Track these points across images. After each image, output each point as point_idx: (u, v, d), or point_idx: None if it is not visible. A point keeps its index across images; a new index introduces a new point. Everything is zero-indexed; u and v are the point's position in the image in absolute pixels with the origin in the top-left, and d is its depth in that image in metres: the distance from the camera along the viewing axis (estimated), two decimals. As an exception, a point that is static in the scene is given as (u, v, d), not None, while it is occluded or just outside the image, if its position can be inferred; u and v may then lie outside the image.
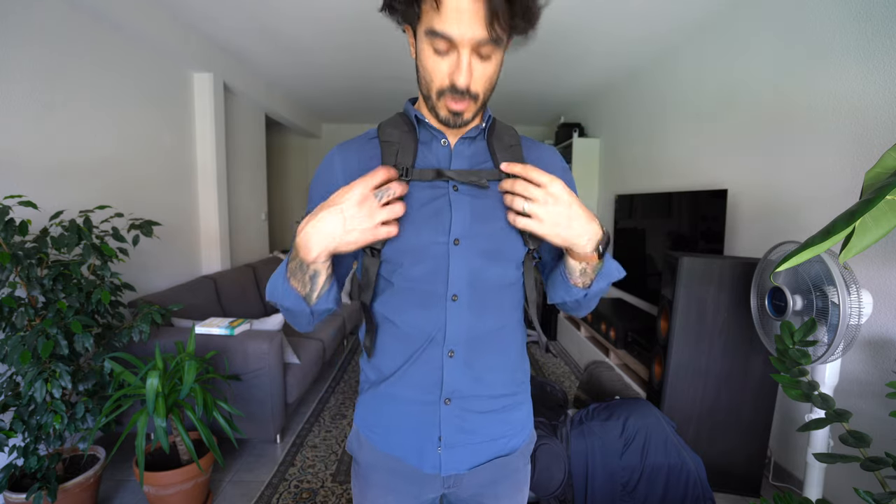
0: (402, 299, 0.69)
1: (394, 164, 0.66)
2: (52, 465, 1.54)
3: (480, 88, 0.62)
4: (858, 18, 1.66)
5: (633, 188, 3.47)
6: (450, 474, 0.72)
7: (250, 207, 3.95)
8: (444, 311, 0.68)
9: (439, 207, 0.67)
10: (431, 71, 0.61)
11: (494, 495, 0.76)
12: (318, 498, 1.83)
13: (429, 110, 0.68)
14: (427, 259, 0.67)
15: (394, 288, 0.69)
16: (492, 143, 0.72)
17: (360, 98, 4.45)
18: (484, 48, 0.58)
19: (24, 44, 1.80)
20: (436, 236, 0.67)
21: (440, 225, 0.67)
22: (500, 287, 0.71)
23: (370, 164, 0.68)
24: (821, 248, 0.73)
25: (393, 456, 0.73)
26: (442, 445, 0.71)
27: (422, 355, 0.69)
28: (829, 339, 1.31)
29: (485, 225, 0.68)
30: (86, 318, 1.56)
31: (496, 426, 0.74)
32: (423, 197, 0.67)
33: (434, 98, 0.63)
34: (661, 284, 2.07)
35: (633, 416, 1.62)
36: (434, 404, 0.70)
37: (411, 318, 0.69)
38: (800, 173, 1.92)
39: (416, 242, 0.66)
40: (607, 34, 2.75)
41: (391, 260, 0.68)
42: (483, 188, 0.68)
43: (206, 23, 2.67)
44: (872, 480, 1.14)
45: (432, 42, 0.58)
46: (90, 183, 2.15)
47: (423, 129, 0.71)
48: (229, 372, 2.02)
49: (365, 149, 0.70)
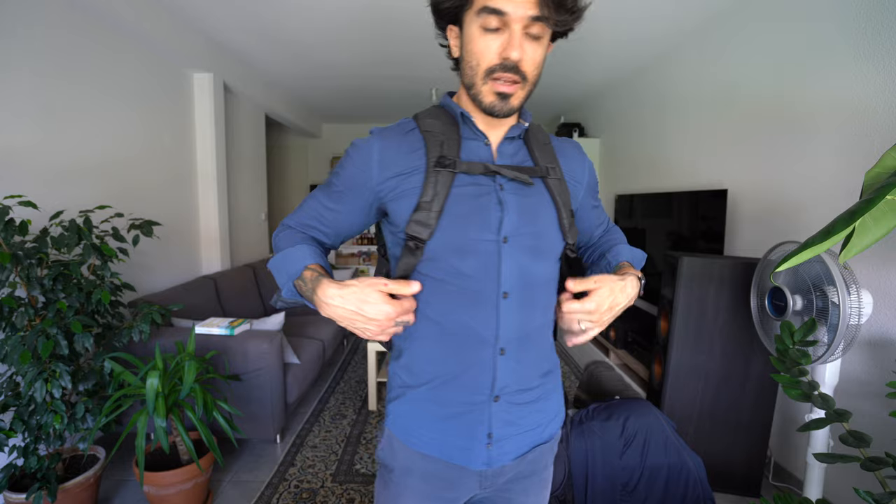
0: (449, 298, 0.67)
1: (440, 155, 0.66)
2: (52, 465, 1.54)
3: (529, 69, 0.63)
4: (858, 18, 1.66)
5: (633, 188, 3.46)
6: (498, 466, 0.72)
7: (250, 207, 3.95)
8: (496, 310, 0.67)
9: (486, 204, 0.67)
10: (481, 50, 0.62)
11: (524, 490, 0.77)
12: (318, 498, 1.83)
13: (472, 101, 0.67)
14: (475, 256, 0.66)
15: (438, 286, 0.68)
16: (529, 142, 0.74)
17: (361, 98, 4.45)
18: (534, 27, 0.61)
19: (24, 44, 1.80)
20: (483, 233, 0.66)
21: (487, 222, 0.66)
22: (545, 282, 0.73)
23: (411, 157, 0.67)
24: (821, 248, 0.73)
25: (436, 458, 0.71)
26: (492, 441, 0.71)
27: (472, 356, 0.68)
28: (829, 339, 1.30)
29: (531, 222, 0.69)
30: (86, 318, 1.56)
31: (536, 415, 0.75)
32: (466, 192, 0.67)
33: (480, 81, 0.64)
34: (661, 284, 2.07)
35: (633, 416, 1.62)
36: (484, 403, 0.70)
37: (461, 318, 0.67)
38: (800, 173, 1.92)
39: (463, 239, 0.66)
40: (607, 34, 2.75)
41: (436, 257, 0.66)
42: (529, 185, 0.69)
43: (206, 23, 2.67)
44: (872, 480, 1.14)
45: (484, 21, 0.60)
46: (90, 183, 2.15)
47: (465, 127, 0.71)
48: (229, 372, 2.01)
49: (406, 141, 0.69)
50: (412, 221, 0.65)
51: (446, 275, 0.67)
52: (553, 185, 0.72)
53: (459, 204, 0.65)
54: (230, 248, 3.44)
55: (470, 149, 0.69)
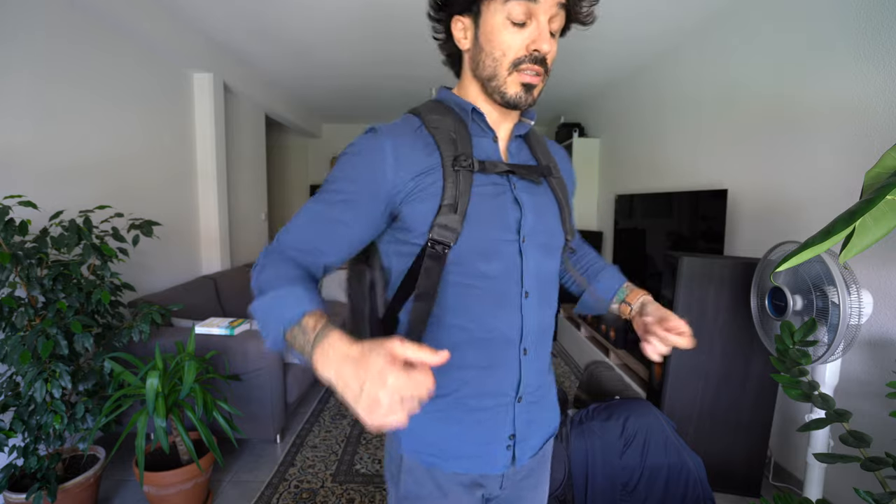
0: (476, 302, 0.65)
1: (457, 154, 0.63)
2: (51, 465, 1.54)
3: (550, 62, 0.64)
4: (858, 18, 1.66)
5: (633, 188, 3.46)
6: (520, 466, 0.72)
7: (250, 207, 3.95)
8: (520, 310, 0.67)
9: (503, 204, 0.65)
10: (507, 43, 0.61)
11: (534, 485, 0.78)
12: (318, 498, 1.83)
13: (490, 94, 0.65)
14: (499, 258, 0.65)
15: (464, 291, 0.64)
16: (529, 139, 0.75)
17: (361, 98, 4.45)
18: (554, 22, 0.62)
19: (25, 44, 1.80)
20: (505, 234, 0.65)
21: (507, 223, 0.65)
22: (555, 279, 0.75)
23: (426, 156, 0.62)
24: (821, 248, 0.73)
25: (454, 473, 0.68)
26: (515, 442, 0.70)
27: (500, 358, 0.67)
28: (829, 339, 1.30)
29: (543, 221, 0.69)
30: (86, 318, 1.56)
31: (547, 410, 0.76)
32: (486, 192, 0.64)
33: (505, 72, 0.62)
34: (661, 284, 2.07)
35: (633, 416, 1.62)
36: (508, 405, 0.69)
37: (488, 321, 0.65)
38: (800, 173, 1.92)
39: (486, 241, 0.64)
40: (607, 34, 2.75)
41: (461, 261, 0.63)
42: (538, 185, 0.70)
43: (206, 23, 2.67)
44: (872, 480, 1.14)
45: (510, 11, 0.60)
46: (90, 183, 2.15)
47: (474, 124, 0.68)
48: (229, 372, 2.01)
49: (418, 138, 0.64)
50: (437, 226, 0.60)
51: (473, 279, 0.64)
52: (555, 183, 0.73)
53: (481, 205, 0.63)
54: (230, 248, 3.44)
55: (481, 146, 0.67)
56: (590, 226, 4.29)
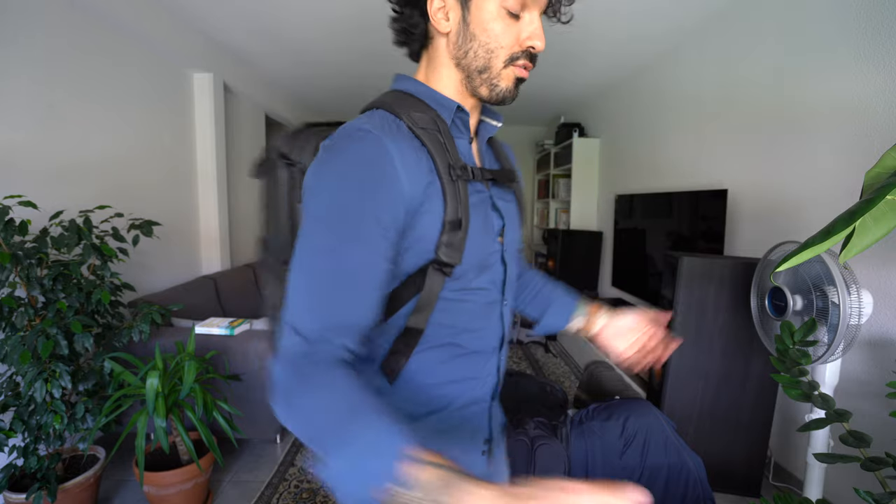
0: (467, 316, 0.62)
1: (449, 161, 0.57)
2: (51, 465, 1.54)
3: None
4: (858, 18, 1.66)
5: (633, 188, 3.46)
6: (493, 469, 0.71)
7: (250, 207, 3.95)
8: (501, 318, 0.67)
9: (487, 213, 0.62)
10: (501, 36, 0.56)
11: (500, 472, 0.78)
12: (317, 498, 1.83)
13: (472, 87, 0.60)
14: (488, 269, 0.63)
15: (456, 306, 0.60)
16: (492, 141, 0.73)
17: (361, 98, 4.44)
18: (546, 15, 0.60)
19: (25, 44, 1.80)
20: (493, 244, 0.63)
21: (491, 231, 0.63)
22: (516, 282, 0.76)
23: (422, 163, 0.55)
24: (821, 248, 0.73)
25: None
26: (490, 447, 0.69)
27: (486, 367, 0.66)
28: (829, 339, 1.30)
29: (513, 228, 0.69)
30: (86, 318, 1.56)
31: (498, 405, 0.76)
32: (474, 202, 0.60)
33: (500, 66, 0.58)
34: (661, 284, 2.07)
35: (633, 416, 1.62)
36: (486, 410, 0.68)
37: (476, 333, 0.63)
38: (800, 173, 1.92)
39: (482, 255, 0.60)
40: (607, 34, 2.75)
41: (459, 276, 0.59)
42: (512, 191, 0.70)
43: (206, 23, 2.67)
44: (872, 480, 1.14)
45: (506, 3, 0.55)
46: (90, 183, 2.15)
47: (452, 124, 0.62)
48: (229, 372, 2.01)
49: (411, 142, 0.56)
50: (442, 245, 0.55)
51: (466, 293, 0.60)
52: (517, 188, 0.72)
53: (475, 217, 0.59)
54: (230, 248, 3.44)
55: (460, 150, 0.61)
56: (590, 226, 4.28)
